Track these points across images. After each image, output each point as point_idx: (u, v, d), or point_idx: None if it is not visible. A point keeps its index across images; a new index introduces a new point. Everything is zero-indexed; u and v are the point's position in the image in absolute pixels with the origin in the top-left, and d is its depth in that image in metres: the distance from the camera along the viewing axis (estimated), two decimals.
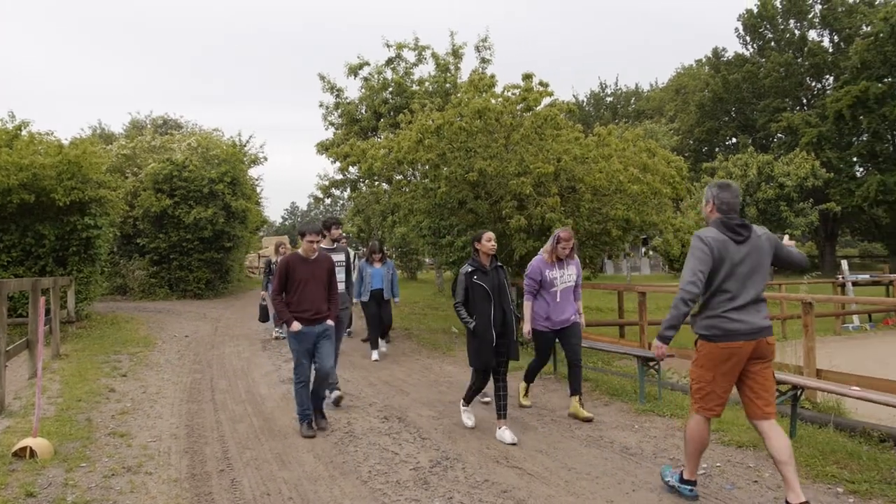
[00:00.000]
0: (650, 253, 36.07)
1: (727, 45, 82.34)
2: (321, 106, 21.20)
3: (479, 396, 6.11)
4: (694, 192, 26.94)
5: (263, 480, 4.49)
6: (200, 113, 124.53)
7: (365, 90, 20.13)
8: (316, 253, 5.64)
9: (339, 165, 17.57)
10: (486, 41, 19.49)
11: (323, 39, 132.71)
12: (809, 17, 41.06)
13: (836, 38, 40.48)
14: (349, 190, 22.04)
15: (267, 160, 27.51)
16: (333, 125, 21.25)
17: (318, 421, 5.70)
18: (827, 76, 40.77)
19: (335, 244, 6.93)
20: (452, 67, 19.77)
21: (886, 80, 33.67)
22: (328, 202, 25.56)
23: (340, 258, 6.79)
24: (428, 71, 20.45)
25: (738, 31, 43.76)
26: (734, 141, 43.69)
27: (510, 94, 11.59)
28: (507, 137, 11.17)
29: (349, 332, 11.08)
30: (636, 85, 59.25)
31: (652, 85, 58.44)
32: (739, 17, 43.03)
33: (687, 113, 45.51)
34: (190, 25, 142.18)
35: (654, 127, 35.96)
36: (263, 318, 11.54)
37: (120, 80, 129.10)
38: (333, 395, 6.56)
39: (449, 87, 18.97)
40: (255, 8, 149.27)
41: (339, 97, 20.78)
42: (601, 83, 65.46)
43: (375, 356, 9.34)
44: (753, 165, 26.63)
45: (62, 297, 11.39)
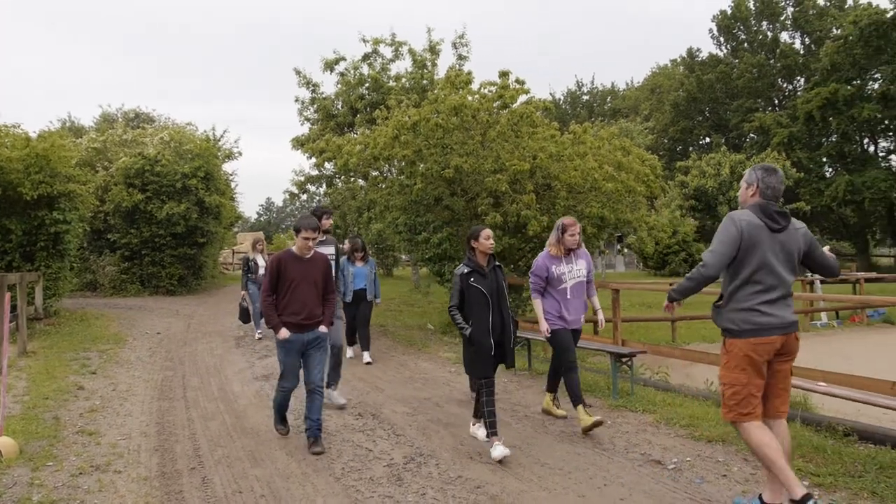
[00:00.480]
0: (625, 250, 36.44)
1: (702, 45, 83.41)
2: (297, 101, 21.06)
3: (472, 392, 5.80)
4: (668, 190, 27.26)
5: (235, 478, 4.45)
6: (173, 107, 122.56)
7: (341, 85, 20.01)
8: (311, 251, 5.07)
9: (314, 161, 17.49)
10: (462, 38, 19.49)
11: (299, 34, 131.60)
12: (782, 19, 41.82)
13: (807, 40, 41.27)
14: (325, 186, 21.89)
15: (241, 155, 27.22)
16: (309, 120, 21.10)
17: (313, 447, 4.95)
18: (798, 78, 41.56)
19: (324, 236, 6.41)
20: (429, 64, 19.73)
21: (855, 82, 34.39)
22: (304, 198, 25.37)
23: (329, 251, 6.28)
24: (405, 67, 20.41)
25: (712, 31, 44.42)
26: (708, 140, 44.36)
27: (487, 91, 11.60)
28: (483, 134, 11.18)
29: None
30: (612, 84, 59.61)
31: (628, 84, 59.03)
32: (714, 17, 43.69)
33: (662, 112, 46.06)
34: (162, 18, 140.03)
35: (629, 125, 36.26)
36: (244, 318, 11.20)
37: (90, 72, 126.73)
38: (334, 395, 6.34)
39: (426, 83, 18.94)
40: (229, 2, 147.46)
41: (314, 92, 20.63)
42: (578, 81, 66.00)
43: (350, 353, 9.30)
44: (726, 165, 27.04)
45: (29, 293, 11.15)
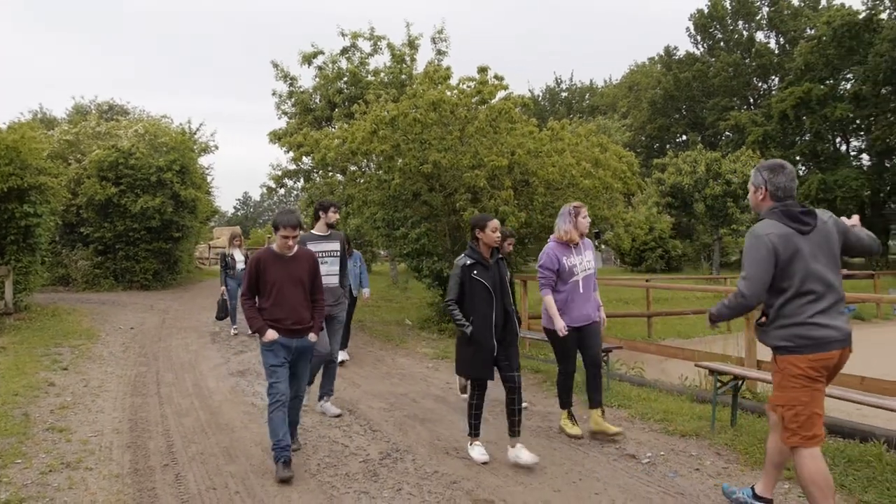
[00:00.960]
0: (602, 247, 36.68)
1: (679, 43, 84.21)
2: (274, 94, 20.83)
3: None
4: (645, 187, 27.49)
5: (209, 475, 4.41)
6: (148, 100, 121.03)
7: (319, 79, 19.84)
8: (293, 249, 4.58)
9: (292, 155, 17.31)
10: (442, 33, 19.42)
11: (277, 26, 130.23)
12: (757, 18, 42.40)
13: (781, 40, 41.90)
14: (303, 181, 21.71)
15: (218, 149, 26.91)
16: (287, 114, 20.90)
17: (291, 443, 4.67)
18: (773, 77, 42.19)
19: (329, 231, 6.05)
20: (408, 59, 19.64)
21: (828, 82, 34.99)
22: (281, 192, 25.18)
23: (335, 247, 5.99)
24: (383, 61, 20.28)
25: (689, 30, 44.86)
26: (684, 138, 44.87)
27: (465, 86, 11.60)
28: (461, 130, 11.18)
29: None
30: (591, 81, 59.97)
31: (606, 81, 59.41)
32: (691, 16, 44.12)
33: (639, 110, 46.46)
34: (138, 9, 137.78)
35: (607, 122, 36.53)
36: (221, 314, 10.89)
37: (63, 63, 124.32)
38: (328, 406, 5.95)
39: (404, 78, 18.86)
40: None
41: (292, 86, 20.43)
42: (556, 78, 66.34)
43: (344, 356, 9.10)
44: (702, 162, 27.30)
45: None
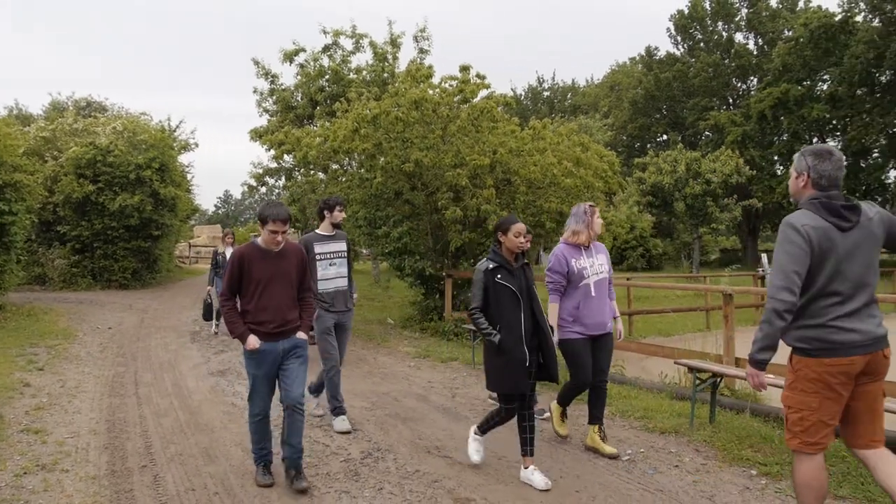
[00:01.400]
0: None
1: (660, 43, 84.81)
2: (255, 92, 20.73)
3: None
4: (626, 186, 27.69)
5: (188, 475, 4.37)
6: (127, 96, 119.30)
7: (301, 77, 19.75)
8: (281, 245, 4.18)
9: (273, 153, 17.20)
10: (424, 31, 19.41)
11: (258, 23, 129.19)
12: (736, 20, 42.81)
13: (760, 41, 42.37)
14: (284, 179, 21.60)
15: (198, 146, 26.60)
16: (268, 112, 20.79)
17: (296, 481, 4.09)
18: (751, 77, 42.64)
19: (335, 231, 5.63)
20: (390, 57, 19.61)
21: (805, 83, 35.51)
22: (263, 191, 24.95)
23: (341, 247, 5.61)
24: (365, 59, 20.27)
25: (669, 30, 45.20)
26: (665, 137, 45.20)
27: (447, 85, 11.60)
28: (443, 129, 11.18)
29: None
30: (573, 80, 60.22)
31: (588, 81, 59.65)
32: (671, 17, 44.46)
33: (621, 109, 46.73)
34: (116, 6, 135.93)
35: (588, 122, 36.73)
36: (207, 315, 10.84)
37: (40, 59, 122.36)
38: (339, 421, 5.39)
39: (386, 76, 18.84)
40: None
41: (273, 83, 20.33)
42: (539, 77, 66.38)
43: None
44: (682, 162, 27.54)
45: None
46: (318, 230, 5.63)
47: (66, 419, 5.68)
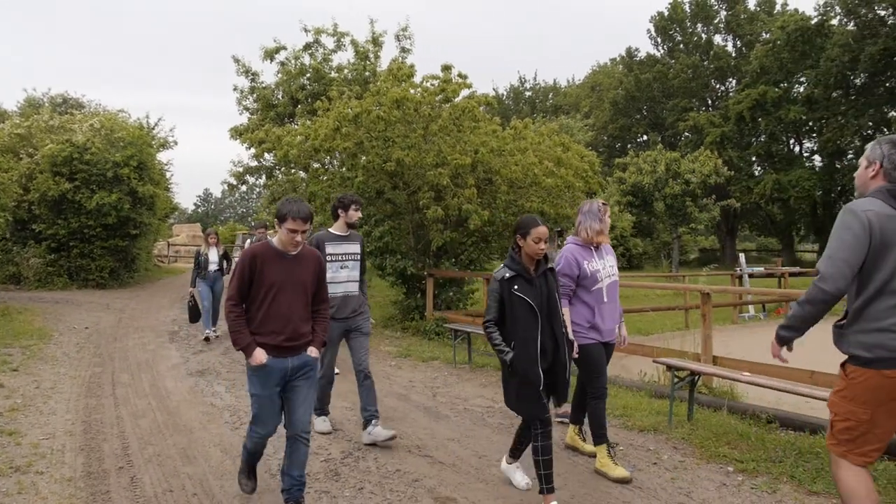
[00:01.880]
0: (564, 244, 37.11)
1: (640, 45, 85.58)
2: (235, 90, 20.55)
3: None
4: (607, 186, 27.87)
5: (166, 476, 4.33)
6: (105, 93, 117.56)
7: (281, 75, 19.62)
8: (299, 247, 3.69)
9: (253, 152, 17.08)
10: (406, 30, 19.37)
11: (239, 20, 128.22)
12: (715, 22, 43.32)
13: (738, 43, 42.91)
14: (265, 177, 21.44)
15: (177, 144, 26.33)
16: (248, 110, 20.61)
17: None
18: (730, 79, 43.18)
19: (349, 231, 5.25)
20: (372, 55, 19.56)
21: (782, 85, 36.02)
22: (243, 189, 24.79)
23: (355, 249, 5.24)
24: (347, 58, 20.20)
25: (650, 32, 45.61)
26: (645, 138, 45.58)
27: (429, 84, 11.59)
28: (425, 128, 11.17)
29: None
30: (554, 81, 60.56)
31: (569, 81, 60.03)
32: (651, 18, 44.87)
33: (601, 110, 47.07)
34: (94, 1, 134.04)
35: (569, 122, 36.92)
36: (193, 318, 10.31)
37: (13, 53, 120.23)
38: (378, 431, 4.98)
39: (368, 75, 18.77)
40: None
41: (254, 81, 20.17)
42: (520, 77, 66.73)
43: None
44: (662, 162, 27.79)
45: None
46: (331, 229, 5.23)
47: (41, 420, 5.60)
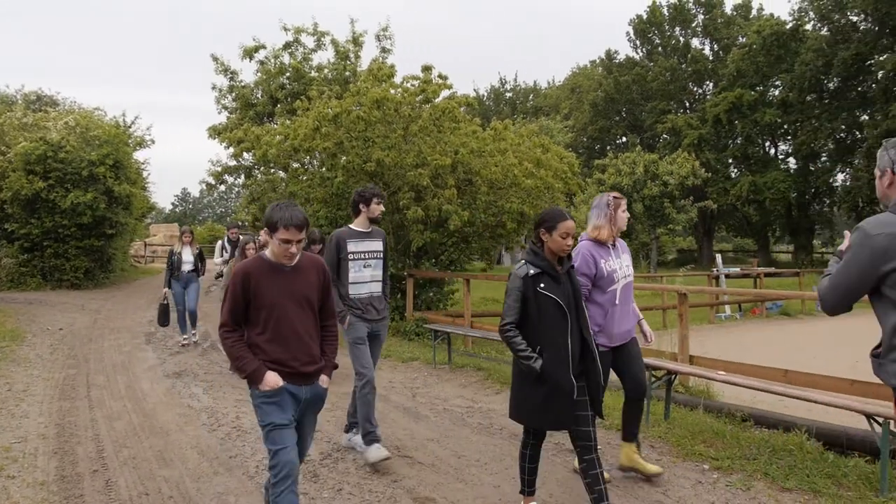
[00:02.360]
0: None
1: (620, 47, 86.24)
2: (214, 88, 20.34)
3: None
4: (586, 187, 28.08)
5: (142, 479, 4.28)
6: (80, 91, 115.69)
7: (261, 74, 19.47)
8: (296, 259, 3.18)
9: (232, 151, 16.95)
10: (386, 31, 19.34)
11: (217, 17, 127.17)
12: (693, 25, 43.80)
13: (716, 46, 43.42)
14: (243, 177, 21.25)
15: (154, 143, 25.94)
16: (227, 109, 20.41)
17: None
18: (707, 82, 43.69)
19: (371, 227, 4.86)
20: (352, 55, 19.49)
21: (758, 88, 36.55)
22: (222, 189, 24.54)
23: (378, 247, 4.85)
24: (327, 58, 20.10)
25: (629, 34, 45.99)
26: (624, 140, 45.98)
27: (409, 85, 11.61)
28: (405, 128, 11.18)
29: None
30: (535, 82, 60.77)
31: (549, 83, 60.29)
32: (630, 21, 45.27)
33: (581, 111, 47.35)
34: None
35: (549, 123, 37.10)
36: (163, 321, 9.80)
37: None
38: (373, 450, 4.51)
39: (348, 75, 18.71)
40: None
41: (233, 80, 20.00)
42: (501, 79, 66.88)
43: None
44: (640, 164, 28.04)
45: None
46: (352, 225, 4.84)
47: (12, 423, 5.51)
